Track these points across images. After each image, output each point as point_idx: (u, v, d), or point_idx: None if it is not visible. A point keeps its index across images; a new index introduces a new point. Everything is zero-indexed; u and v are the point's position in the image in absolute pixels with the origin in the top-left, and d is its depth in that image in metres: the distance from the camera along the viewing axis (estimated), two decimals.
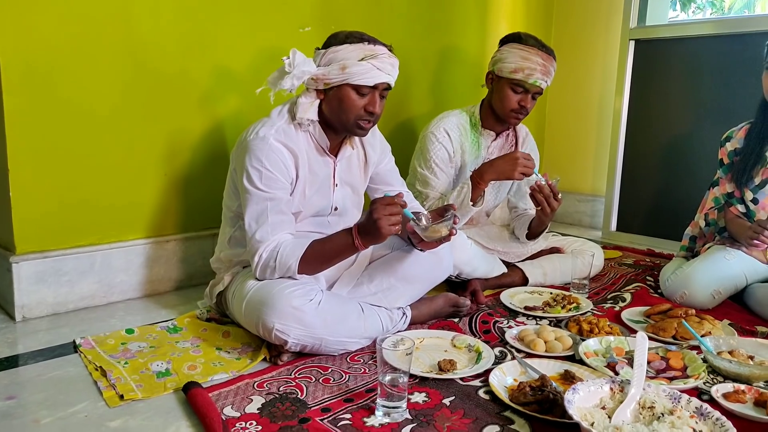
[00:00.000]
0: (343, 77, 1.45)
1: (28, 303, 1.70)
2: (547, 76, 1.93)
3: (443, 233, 1.44)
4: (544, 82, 1.93)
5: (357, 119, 1.50)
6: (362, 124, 1.51)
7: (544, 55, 1.92)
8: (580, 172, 3.33)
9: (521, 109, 1.96)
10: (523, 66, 1.90)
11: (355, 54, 1.45)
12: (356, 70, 1.44)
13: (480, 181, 1.87)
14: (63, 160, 1.71)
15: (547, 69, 1.92)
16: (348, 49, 1.45)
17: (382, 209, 1.36)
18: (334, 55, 1.46)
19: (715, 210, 2.08)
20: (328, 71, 1.46)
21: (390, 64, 1.48)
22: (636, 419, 1.09)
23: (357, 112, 1.48)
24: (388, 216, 1.36)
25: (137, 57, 1.80)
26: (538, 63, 1.90)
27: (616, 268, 2.35)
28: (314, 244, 1.45)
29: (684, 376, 1.35)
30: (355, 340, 1.47)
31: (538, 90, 1.94)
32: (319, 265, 1.47)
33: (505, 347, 1.54)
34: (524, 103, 1.95)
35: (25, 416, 1.19)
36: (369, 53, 1.45)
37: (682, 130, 2.79)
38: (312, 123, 1.53)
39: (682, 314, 1.67)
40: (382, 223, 1.35)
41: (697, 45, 2.70)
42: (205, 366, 1.40)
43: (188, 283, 2.03)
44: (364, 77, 1.45)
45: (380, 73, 1.46)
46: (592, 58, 3.19)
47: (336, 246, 1.45)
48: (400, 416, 1.17)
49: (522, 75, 1.91)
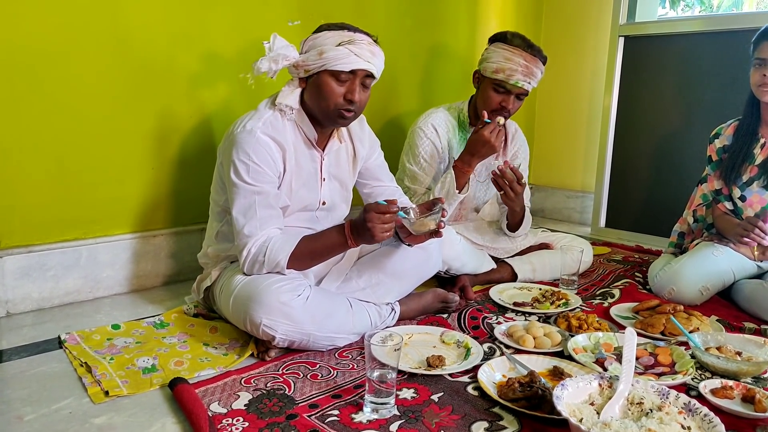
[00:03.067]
0: (321, 63, 1.44)
1: (13, 298, 1.67)
2: (530, 77, 1.91)
3: (431, 227, 1.44)
4: (526, 83, 1.91)
5: (337, 107, 1.47)
6: (343, 113, 1.48)
7: (528, 56, 1.90)
8: (569, 168, 3.33)
9: (502, 110, 1.94)
10: (504, 67, 1.89)
11: (333, 40, 1.43)
12: (333, 54, 1.42)
13: (466, 167, 1.87)
14: (48, 153, 1.68)
15: (530, 70, 1.90)
16: (326, 35, 1.44)
17: (376, 218, 1.37)
18: (313, 42, 1.46)
19: (704, 206, 2.09)
20: (307, 57, 1.45)
21: (369, 51, 1.45)
22: (624, 415, 1.09)
23: (336, 99, 1.46)
24: (382, 224, 1.37)
25: (124, 48, 1.77)
26: (520, 64, 1.88)
27: (605, 265, 2.36)
28: (305, 241, 1.44)
29: (672, 372, 1.35)
30: (344, 336, 1.46)
31: (521, 91, 1.93)
32: (309, 262, 1.47)
33: (494, 343, 1.54)
34: (506, 104, 1.93)
35: (8, 413, 1.17)
36: (346, 39, 1.44)
37: (671, 127, 2.80)
38: (293, 111, 1.51)
39: (670, 310, 1.68)
40: (375, 231, 1.37)
41: (687, 42, 2.71)
42: (192, 362, 1.39)
43: (176, 279, 2.01)
44: (341, 62, 1.43)
45: (358, 59, 1.44)
46: (582, 54, 3.19)
47: (327, 243, 1.45)
48: (388, 412, 1.16)
49: (503, 75, 1.90)
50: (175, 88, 1.90)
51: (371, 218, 1.37)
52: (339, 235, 1.43)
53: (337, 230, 1.44)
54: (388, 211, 1.37)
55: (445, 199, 1.86)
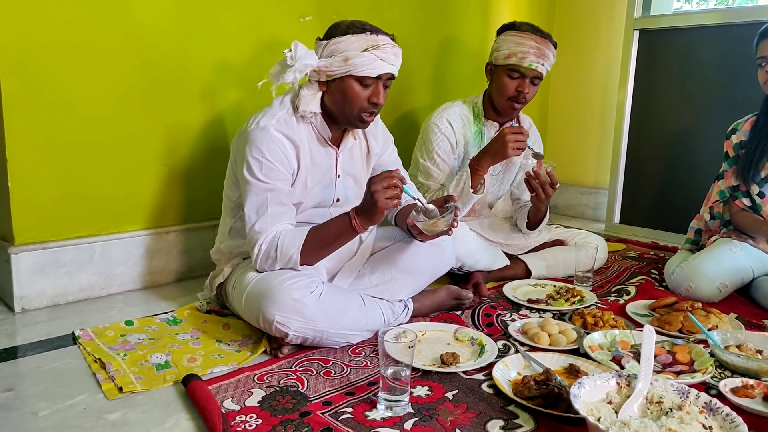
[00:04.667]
0: (346, 69, 1.42)
1: (28, 294, 1.68)
2: (543, 58, 1.89)
3: (443, 228, 1.42)
4: (540, 65, 1.89)
5: (360, 111, 1.47)
6: (364, 117, 1.49)
7: (538, 38, 1.89)
8: (582, 164, 3.30)
9: (518, 95, 1.92)
10: (516, 51, 1.88)
11: (358, 45, 1.42)
12: (359, 61, 1.41)
13: (478, 167, 1.85)
14: (62, 150, 1.69)
15: (542, 51, 1.88)
16: (350, 40, 1.42)
17: (378, 182, 1.35)
18: (336, 46, 1.43)
19: (720, 203, 2.06)
20: (331, 63, 1.43)
21: (393, 53, 1.45)
22: (644, 414, 1.07)
23: (361, 104, 1.46)
24: (386, 189, 1.34)
25: (136, 46, 1.77)
26: (531, 46, 1.87)
27: (620, 261, 2.33)
28: (313, 231, 1.44)
29: (691, 370, 1.33)
30: (357, 333, 1.45)
31: (535, 74, 1.90)
32: (319, 252, 1.45)
33: (508, 340, 1.52)
34: (522, 89, 1.91)
35: (23, 408, 1.17)
36: (372, 44, 1.42)
37: (686, 122, 2.76)
38: (314, 115, 1.50)
39: (688, 308, 1.65)
40: (378, 196, 1.34)
41: (703, 35, 2.66)
42: (205, 358, 1.39)
43: (188, 275, 2.01)
44: (368, 68, 1.42)
45: (383, 64, 1.43)
46: (596, 48, 3.15)
47: (334, 230, 1.44)
48: (402, 410, 1.15)
49: (516, 59, 1.88)
50: (188, 85, 1.90)
51: (374, 182, 1.35)
52: (345, 219, 1.42)
53: (344, 215, 1.44)
54: (391, 176, 1.36)
55: (459, 198, 1.85)
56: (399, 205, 1.41)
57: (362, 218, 1.40)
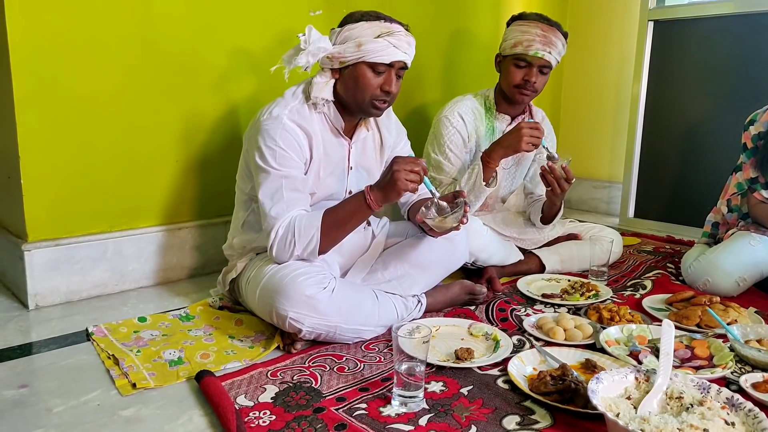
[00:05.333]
0: (359, 55, 1.42)
1: (41, 291, 1.69)
2: (549, 46, 1.86)
3: (452, 225, 1.40)
4: (546, 52, 1.86)
5: (373, 98, 1.46)
6: (378, 104, 1.48)
7: (545, 26, 1.87)
8: (596, 157, 3.26)
9: (525, 84, 1.90)
10: (521, 39, 1.86)
11: (371, 31, 1.41)
12: (372, 47, 1.41)
13: (489, 160, 1.83)
14: (74, 146, 1.69)
15: (548, 39, 1.86)
16: (364, 26, 1.42)
17: (402, 163, 1.34)
18: (349, 32, 1.43)
19: (738, 195, 2.02)
20: (344, 49, 1.43)
21: (406, 42, 1.45)
22: (663, 410, 1.05)
23: (373, 91, 1.45)
24: (408, 171, 1.34)
25: (149, 40, 1.77)
26: (537, 34, 1.85)
27: (635, 255, 2.30)
28: (327, 213, 1.43)
29: (710, 365, 1.31)
30: (370, 329, 1.44)
31: (542, 62, 1.88)
32: (336, 233, 1.43)
33: (523, 335, 1.50)
34: (528, 77, 1.89)
35: (38, 404, 1.18)
36: (385, 30, 1.42)
37: (702, 113, 2.71)
38: (327, 103, 1.49)
39: (706, 302, 1.62)
40: (399, 175, 1.33)
41: (719, 25, 2.62)
42: (218, 354, 1.38)
43: (201, 271, 2.01)
44: (380, 54, 1.41)
45: (396, 51, 1.43)
46: (609, 39, 3.11)
47: (349, 208, 1.43)
48: (417, 406, 1.14)
49: (522, 48, 1.86)
50: (199, 81, 1.89)
51: (398, 162, 1.34)
52: (359, 196, 1.41)
53: (358, 193, 1.43)
54: (417, 162, 1.35)
55: (471, 192, 1.83)
56: (416, 191, 1.40)
57: (377, 194, 1.39)
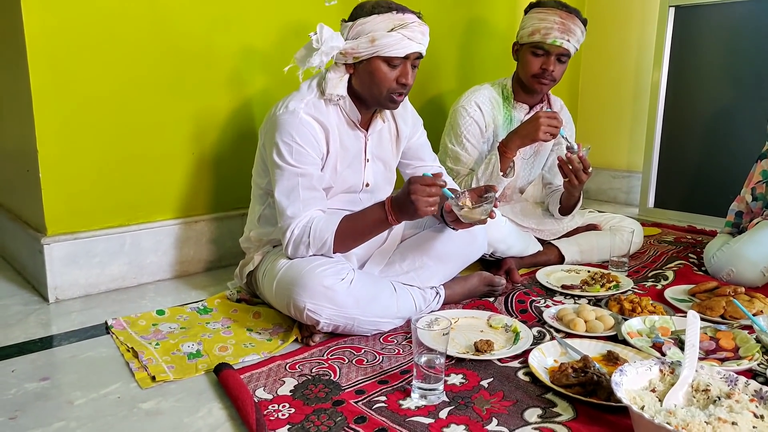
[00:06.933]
0: (373, 50, 1.39)
1: (61, 284, 1.70)
2: (568, 34, 1.83)
3: (483, 216, 1.37)
4: (564, 40, 1.83)
5: (389, 92, 1.44)
6: (394, 97, 1.46)
7: (563, 13, 1.83)
8: (614, 147, 3.22)
9: (543, 73, 1.87)
10: (539, 27, 1.83)
11: (384, 24, 1.39)
12: (386, 41, 1.38)
13: (506, 149, 1.81)
14: (91, 140, 1.69)
15: (566, 27, 1.82)
16: (376, 20, 1.39)
17: (420, 190, 1.31)
18: (362, 27, 1.40)
19: (764, 184, 1.98)
20: (357, 44, 1.41)
21: (420, 32, 1.42)
22: (689, 403, 1.02)
23: (389, 84, 1.43)
24: (426, 198, 1.31)
25: (163, 35, 1.76)
26: (555, 21, 1.81)
27: (656, 246, 2.26)
28: (345, 220, 1.41)
29: (736, 357, 1.28)
30: (388, 320, 1.43)
31: (561, 51, 1.84)
32: (352, 242, 1.43)
33: (543, 327, 1.48)
34: (546, 66, 1.86)
35: (59, 397, 1.18)
36: (398, 23, 1.39)
37: (725, 101, 2.65)
38: (342, 98, 1.48)
39: (730, 292, 1.59)
40: (419, 204, 1.30)
41: (741, 10, 2.56)
42: (236, 347, 1.38)
43: (218, 264, 2.01)
44: (395, 48, 1.39)
45: (411, 43, 1.40)
46: (629, 26, 3.05)
47: (369, 220, 1.41)
48: (437, 398, 1.13)
49: (539, 36, 1.83)
50: (214, 73, 1.89)
51: (416, 190, 1.31)
52: (380, 211, 1.39)
53: (378, 206, 1.40)
54: (434, 183, 1.32)
55: (488, 182, 1.81)
56: (436, 212, 1.37)
57: (398, 214, 1.37)
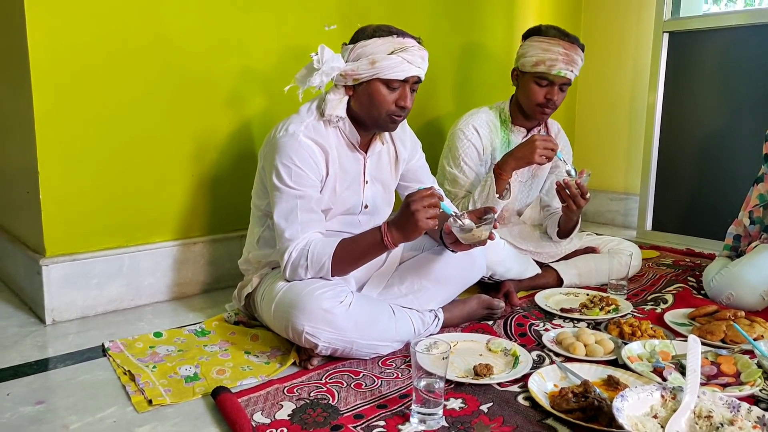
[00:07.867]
0: (373, 72, 1.41)
1: (58, 306, 1.69)
2: (572, 65, 1.86)
3: (483, 237, 1.37)
4: (569, 71, 1.85)
5: (388, 114, 1.45)
6: (394, 119, 1.47)
7: (566, 44, 1.85)
8: (611, 169, 3.23)
9: (548, 103, 1.90)
10: (544, 58, 1.85)
11: (385, 47, 1.41)
12: (386, 64, 1.40)
13: (501, 171, 1.82)
14: (91, 161, 1.70)
15: (570, 58, 1.85)
16: (377, 42, 1.41)
17: (419, 201, 1.30)
18: (362, 49, 1.42)
19: (761, 207, 1.98)
20: (357, 66, 1.42)
21: (420, 56, 1.44)
22: (692, 429, 1.02)
23: (388, 107, 1.44)
24: (426, 209, 1.30)
25: (164, 57, 1.78)
26: (559, 53, 1.84)
27: (655, 269, 2.26)
28: (342, 243, 1.41)
29: (738, 382, 1.27)
30: (387, 344, 1.42)
31: (564, 81, 1.87)
32: (348, 266, 1.43)
33: (542, 351, 1.48)
34: (550, 96, 1.88)
35: (55, 421, 1.17)
36: (398, 46, 1.41)
37: (720, 124, 2.68)
38: (341, 119, 1.49)
39: (730, 316, 1.59)
40: (419, 215, 1.30)
41: (734, 36, 2.60)
42: (234, 370, 1.37)
43: (216, 286, 2.00)
44: (395, 71, 1.40)
45: (410, 66, 1.42)
46: (624, 51, 3.10)
47: (364, 244, 1.40)
48: (436, 423, 1.12)
49: (544, 67, 1.85)
50: (214, 95, 1.90)
51: (415, 200, 1.30)
52: (375, 233, 1.38)
53: (374, 229, 1.40)
54: (432, 194, 1.31)
55: (485, 204, 1.82)
56: (436, 226, 1.36)
57: (396, 234, 1.36)
